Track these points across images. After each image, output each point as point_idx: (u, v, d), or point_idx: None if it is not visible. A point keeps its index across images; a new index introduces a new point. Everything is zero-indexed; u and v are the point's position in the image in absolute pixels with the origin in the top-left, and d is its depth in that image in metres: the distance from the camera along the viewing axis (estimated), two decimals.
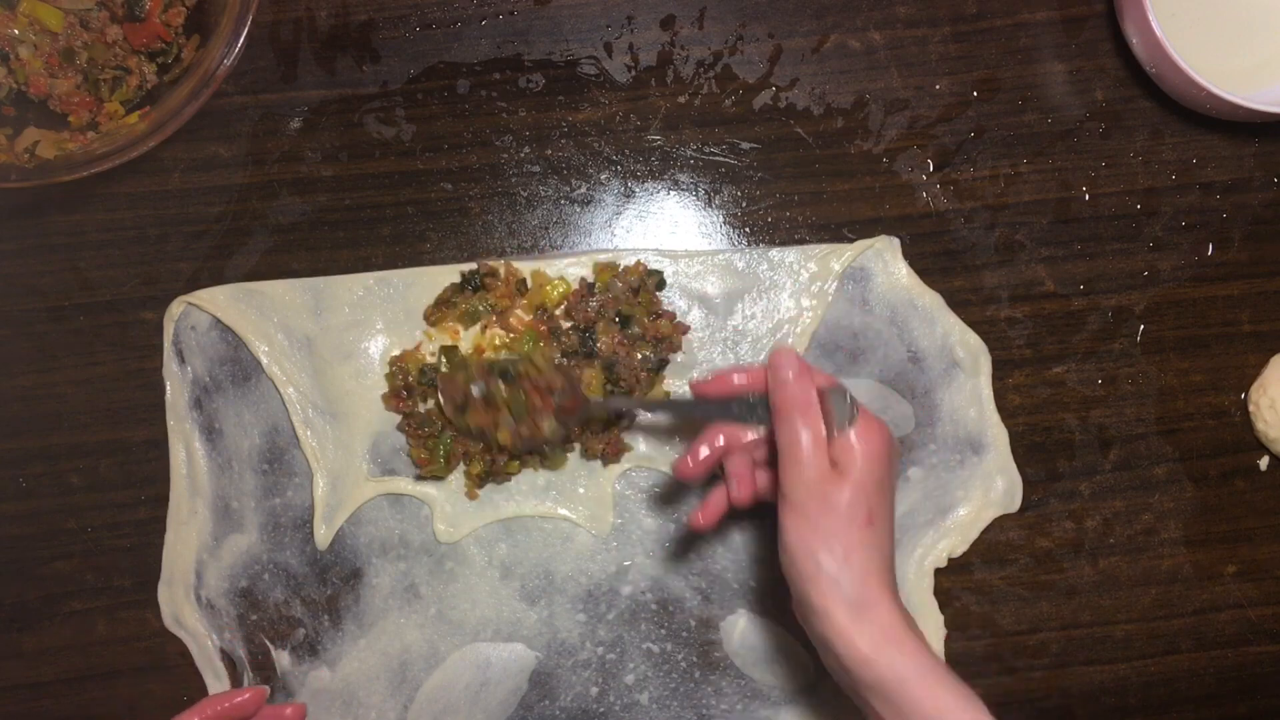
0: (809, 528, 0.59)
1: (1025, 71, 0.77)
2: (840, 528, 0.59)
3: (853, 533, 0.59)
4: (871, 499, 0.60)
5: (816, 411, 0.61)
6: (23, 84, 0.72)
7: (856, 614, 0.58)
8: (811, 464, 0.60)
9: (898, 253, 0.76)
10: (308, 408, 0.75)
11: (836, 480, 0.60)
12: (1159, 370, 0.77)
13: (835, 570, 0.59)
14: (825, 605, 0.59)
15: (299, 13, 0.76)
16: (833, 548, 0.59)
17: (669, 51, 0.77)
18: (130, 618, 0.75)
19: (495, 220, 0.77)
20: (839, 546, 0.59)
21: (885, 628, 0.58)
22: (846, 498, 0.59)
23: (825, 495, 0.59)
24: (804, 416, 0.61)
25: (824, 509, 0.59)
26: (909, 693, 0.57)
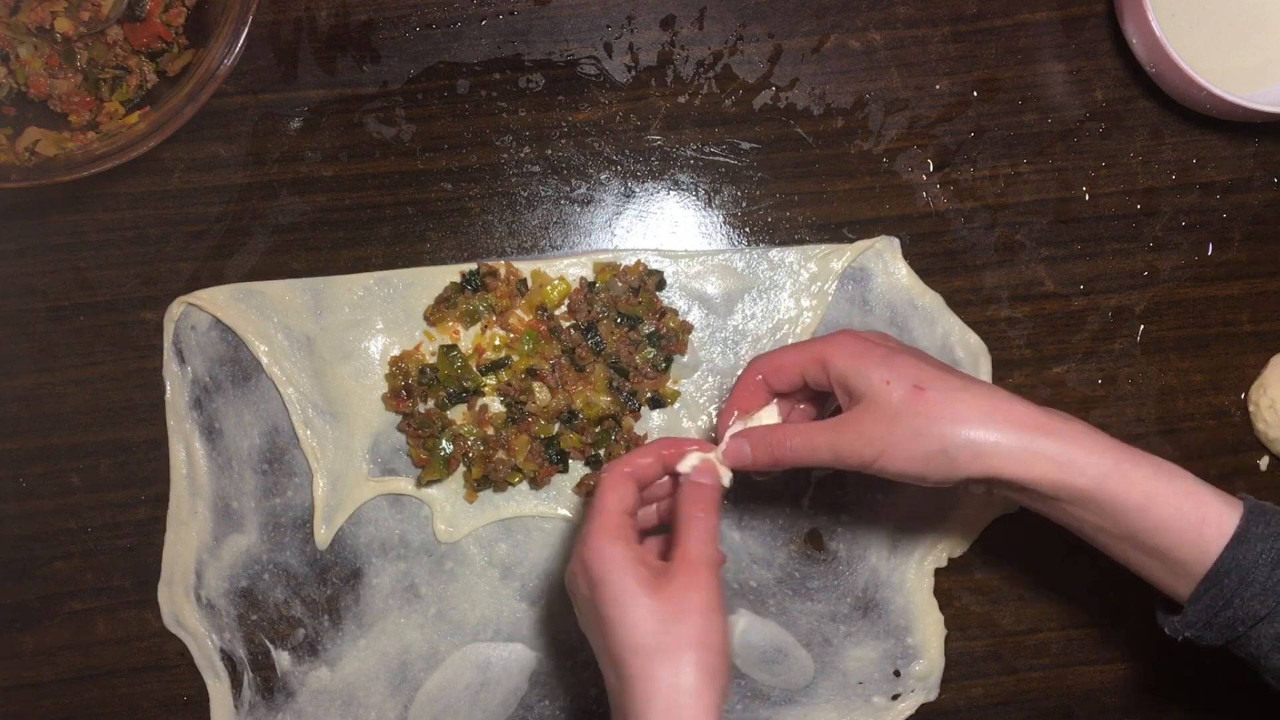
0: (908, 435, 0.58)
1: (1025, 71, 0.77)
2: (908, 416, 0.58)
3: (923, 406, 0.58)
4: (909, 376, 0.59)
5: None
6: (23, 84, 0.72)
7: (1023, 442, 0.57)
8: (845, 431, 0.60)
9: (898, 253, 0.76)
10: (308, 408, 0.75)
11: (858, 416, 0.59)
12: (1159, 370, 0.77)
13: (964, 439, 0.57)
14: (987, 467, 0.57)
15: (299, 13, 0.76)
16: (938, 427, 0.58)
17: (669, 51, 0.77)
18: (130, 618, 0.75)
19: (495, 220, 0.77)
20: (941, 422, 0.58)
21: (1061, 436, 0.57)
22: (895, 404, 0.58)
23: (882, 420, 0.59)
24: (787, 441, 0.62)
25: (895, 427, 0.58)
26: (1109, 491, 0.56)
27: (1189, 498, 0.56)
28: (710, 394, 0.76)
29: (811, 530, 0.76)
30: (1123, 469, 0.57)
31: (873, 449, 0.59)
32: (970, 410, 0.58)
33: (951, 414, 0.58)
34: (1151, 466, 0.57)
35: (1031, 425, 0.57)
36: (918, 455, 0.58)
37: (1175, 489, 0.57)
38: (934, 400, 0.58)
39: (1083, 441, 0.57)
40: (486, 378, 0.74)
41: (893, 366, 0.59)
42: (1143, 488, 0.57)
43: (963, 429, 0.57)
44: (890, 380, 0.59)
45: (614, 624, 0.57)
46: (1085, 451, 0.57)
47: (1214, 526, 0.56)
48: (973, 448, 0.57)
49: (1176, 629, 0.58)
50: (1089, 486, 0.57)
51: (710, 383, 0.76)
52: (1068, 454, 0.57)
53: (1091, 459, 0.57)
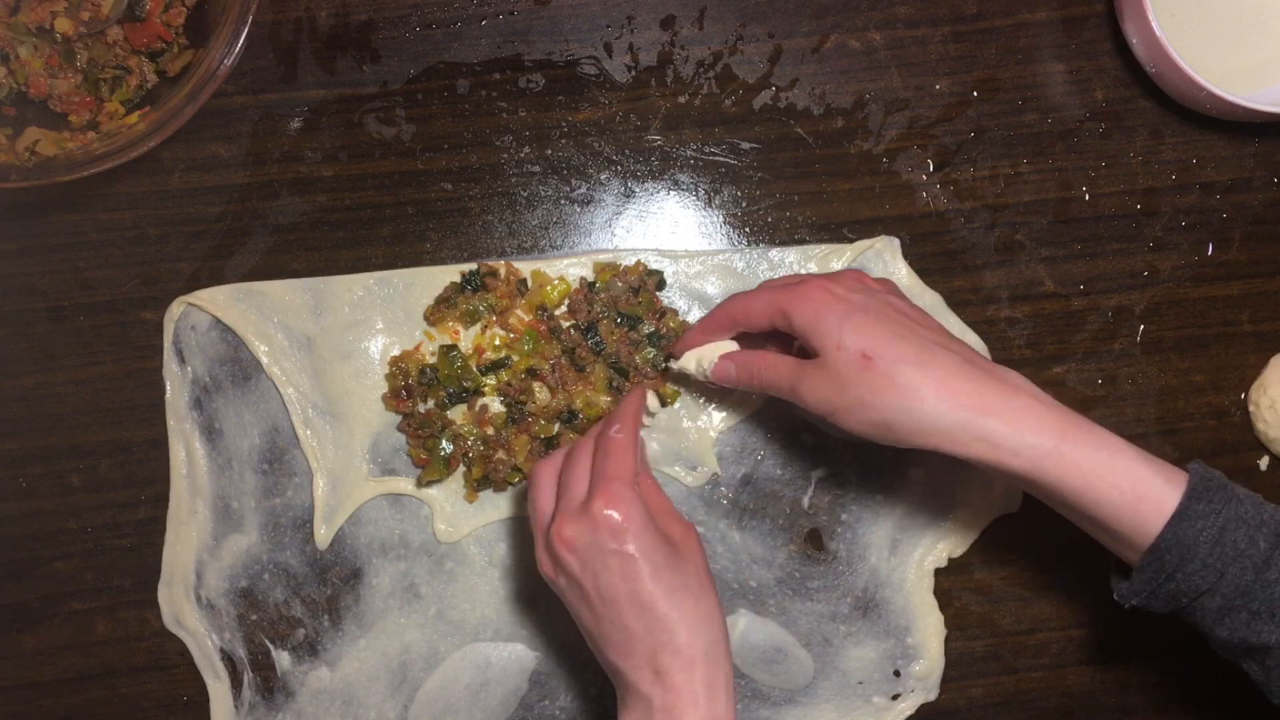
0: (855, 402, 0.59)
1: (1025, 71, 0.77)
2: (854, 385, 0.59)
3: (868, 375, 0.59)
4: (859, 342, 0.59)
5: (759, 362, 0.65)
6: (23, 84, 0.72)
7: (961, 420, 0.58)
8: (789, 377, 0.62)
9: (898, 253, 0.76)
10: (308, 408, 0.75)
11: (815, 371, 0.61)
12: (1159, 370, 0.77)
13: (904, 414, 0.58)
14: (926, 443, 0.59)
15: (299, 13, 0.76)
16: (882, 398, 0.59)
17: (669, 51, 0.77)
18: (130, 618, 0.75)
19: (495, 220, 0.77)
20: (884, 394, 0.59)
21: (1000, 414, 0.57)
22: (842, 370, 0.59)
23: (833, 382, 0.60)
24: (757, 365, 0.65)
25: (843, 391, 0.59)
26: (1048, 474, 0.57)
27: (1127, 476, 0.57)
28: (710, 394, 0.76)
29: (811, 530, 0.76)
30: (1061, 451, 0.57)
31: (825, 407, 0.61)
32: (913, 386, 0.58)
33: (894, 388, 0.58)
34: (1092, 445, 0.57)
35: (972, 403, 0.58)
36: (865, 420, 0.60)
37: (1114, 467, 0.57)
38: (879, 372, 0.59)
39: (1023, 421, 0.57)
40: (486, 378, 0.74)
41: (847, 328, 0.60)
42: (1081, 468, 0.57)
43: (902, 403, 0.58)
44: (841, 344, 0.60)
45: (643, 581, 0.58)
46: (1024, 431, 0.57)
47: (1153, 504, 0.56)
48: (912, 424, 0.58)
49: (1124, 596, 0.59)
50: (1025, 467, 0.57)
51: None
52: (1005, 434, 0.57)
53: (1029, 439, 0.57)
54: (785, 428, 0.76)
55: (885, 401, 0.59)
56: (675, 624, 0.58)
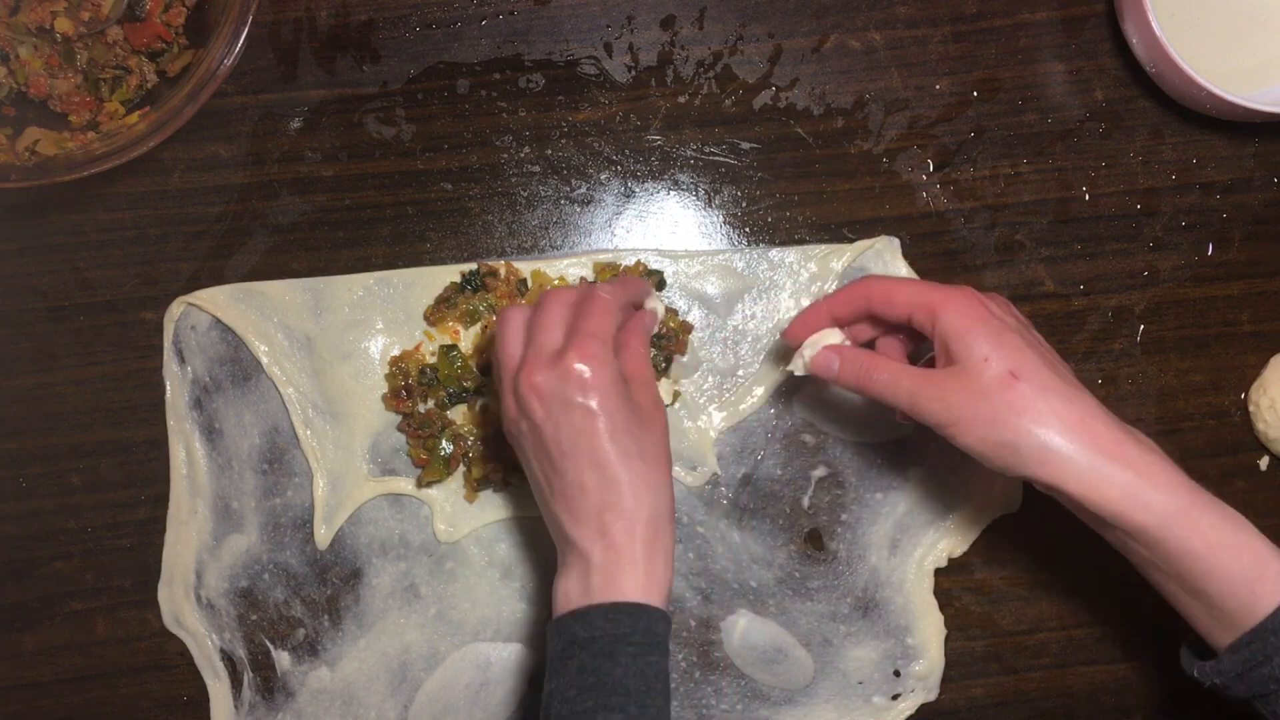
0: (987, 417, 0.58)
1: (1025, 71, 0.77)
2: (992, 400, 0.58)
3: (1010, 395, 0.58)
4: (1009, 359, 0.58)
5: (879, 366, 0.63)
6: (23, 84, 0.72)
7: (1095, 463, 0.57)
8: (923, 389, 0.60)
9: (898, 253, 0.76)
10: (308, 408, 0.75)
11: (947, 379, 0.59)
12: (1159, 370, 0.77)
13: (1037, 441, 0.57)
14: (1051, 475, 0.57)
15: (299, 13, 0.76)
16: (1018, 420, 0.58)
17: (669, 51, 0.77)
18: (130, 618, 0.75)
19: (495, 220, 0.77)
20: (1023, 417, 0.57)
21: (1134, 466, 0.57)
22: (985, 383, 0.58)
23: (968, 394, 0.59)
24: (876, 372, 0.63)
25: (977, 405, 0.58)
26: (1172, 533, 0.56)
27: (1250, 552, 0.56)
28: (710, 394, 0.76)
29: (811, 530, 0.76)
30: (1190, 513, 0.56)
31: (949, 416, 0.59)
32: (1054, 414, 0.57)
33: (1035, 412, 0.57)
34: (1218, 514, 0.57)
35: (1108, 448, 0.57)
36: (989, 439, 0.58)
37: (1238, 541, 0.56)
38: (1023, 392, 0.58)
39: (1155, 476, 0.57)
40: (486, 378, 0.74)
41: (998, 344, 0.59)
42: (1206, 535, 0.56)
43: (1039, 430, 0.57)
44: (990, 358, 0.59)
45: (604, 439, 0.58)
46: (1155, 487, 0.56)
47: (1270, 584, 0.55)
48: (1042, 452, 0.57)
49: (1206, 674, 0.58)
50: (1151, 524, 0.56)
51: (710, 382, 0.76)
52: (1137, 486, 0.56)
53: (1159, 496, 0.56)
54: (785, 428, 0.76)
55: (1021, 424, 0.57)
56: (625, 486, 0.58)
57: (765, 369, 0.76)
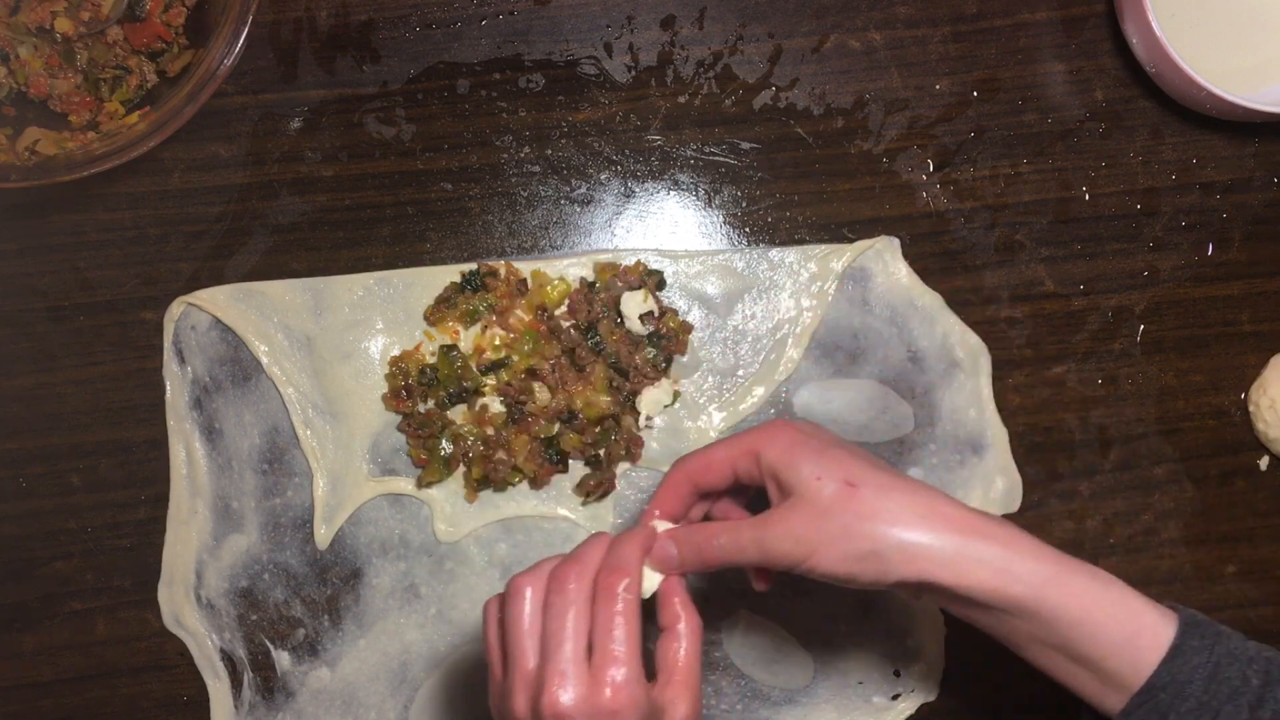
0: (838, 534, 0.55)
1: (1025, 71, 0.77)
2: (839, 514, 0.55)
3: (855, 505, 0.55)
4: (841, 471, 0.56)
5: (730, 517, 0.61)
6: (23, 84, 0.72)
7: (959, 546, 0.54)
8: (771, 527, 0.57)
9: (898, 253, 0.76)
10: (308, 408, 0.75)
11: (787, 513, 0.56)
12: (1159, 370, 0.77)
13: (896, 540, 0.54)
14: (919, 570, 0.55)
15: (299, 13, 0.76)
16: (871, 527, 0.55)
17: (669, 51, 0.77)
18: (130, 618, 0.75)
19: (495, 220, 0.77)
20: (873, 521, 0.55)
21: (998, 541, 0.55)
22: (825, 500, 0.55)
23: (812, 517, 0.56)
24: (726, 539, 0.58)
25: (825, 524, 0.55)
26: (1047, 601, 0.54)
27: (1124, 608, 0.55)
28: (710, 394, 0.76)
29: None
30: (1061, 579, 0.55)
31: (801, 548, 0.55)
32: (903, 510, 0.55)
33: (884, 512, 0.55)
34: (1087, 575, 0.55)
35: (967, 528, 0.55)
36: (849, 555, 0.55)
37: (1111, 598, 0.55)
38: (866, 498, 0.55)
39: (1020, 547, 0.55)
40: (486, 378, 0.74)
41: (825, 461, 0.56)
42: (1081, 598, 0.55)
43: (895, 529, 0.54)
44: (821, 475, 0.56)
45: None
46: (1023, 557, 0.55)
47: (1149, 638, 0.54)
48: (905, 550, 0.54)
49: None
50: (1026, 595, 0.54)
51: (710, 382, 0.76)
52: (1005, 560, 0.54)
53: (1029, 565, 0.55)
54: None
55: (873, 530, 0.55)
56: None
57: (765, 369, 0.76)
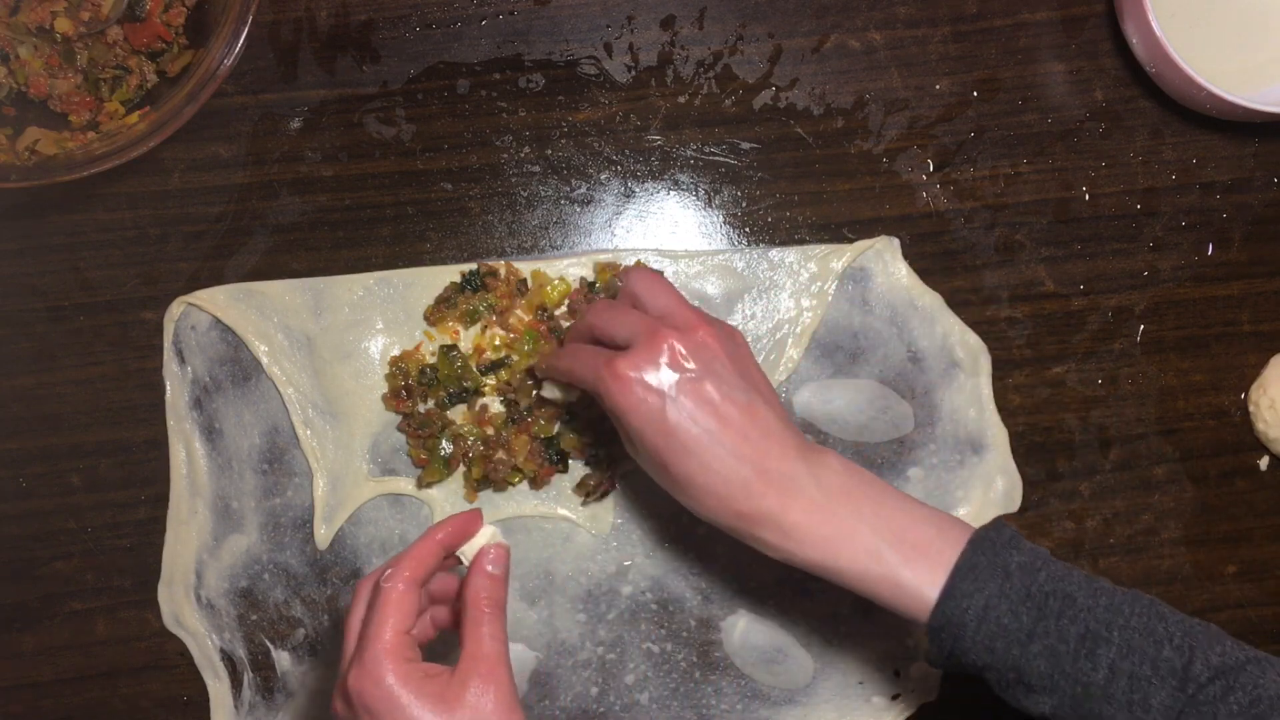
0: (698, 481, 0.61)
1: (1025, 71, 0.77)
2: (649, 466, 0.63)
3: (658, 473, 0.62)
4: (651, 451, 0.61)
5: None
6: (23, 84, 0.72)
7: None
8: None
9: (898, 253, 0.76)
10: (308, 408, 0.75)
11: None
12: (1159, 370, 0.77)
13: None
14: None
15: (299, 13, 0.76)
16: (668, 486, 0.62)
17: (669, 51, 0.77)
18: (130, 618, 0.75)
19: (495, 220, 0.77)
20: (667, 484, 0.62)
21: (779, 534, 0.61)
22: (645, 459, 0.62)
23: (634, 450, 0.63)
24: None
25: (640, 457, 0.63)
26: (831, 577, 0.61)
27: (887, 583, 0.59)
28: None
29: None
30: (827, 566, 0.60)
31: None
32: (700, 496, 0.61)
33: (683, 491, 0.62)
34: (852, 556, 0.60)
35: (750, 517, 0.60)
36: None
37: (876, 575, 0.59)
38: (672, 479, 0.62)
39: (793, 535, 0.60)
40: (486, 378, 0.74)
41: (648, 436, 0.61)
42: (849, 580, 0.60)
43: (692, 505, 0.62)
44: (641, 450, 0.63)
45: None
46: (794, 544, 0.60)
47: (916, 605, 0.59)
48: (703, 518, 0.62)
49: (930, 660, 0.61)
50: (806, 571, 0.62)
51: None
52: (779, 546, 0.61)
53: (800, 552, 0.60)
54: None
55: (682, 499, 0.62)
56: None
57: (765, 369, 0.76)
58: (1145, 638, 0.56)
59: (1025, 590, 0.57)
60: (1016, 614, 0.57)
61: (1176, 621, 0.57)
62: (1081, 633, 0.56)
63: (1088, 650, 0.56)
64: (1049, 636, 0.57)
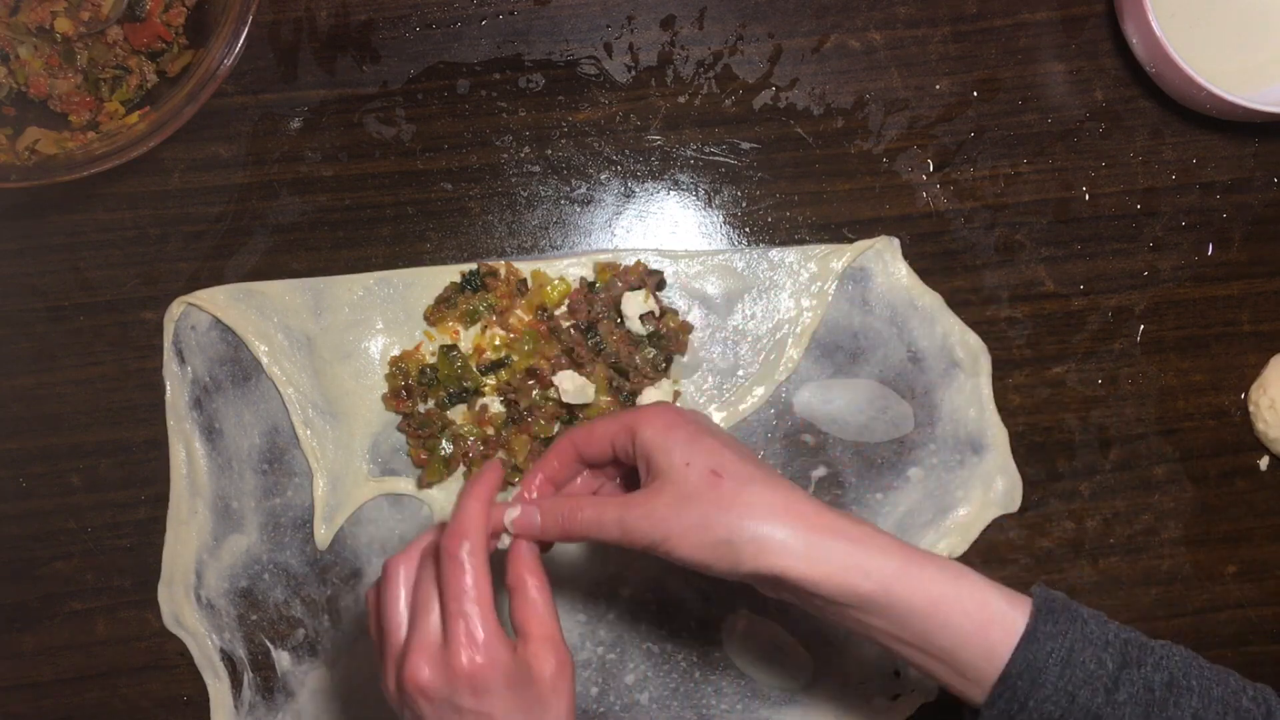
0: (697, 522, 0.56)
1: (1025, 71, 0.77)
2: (700, 501, 0.56)
3: (716, 493, 0.56)
4: (708, 460, 0.57)
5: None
6: (23, 84, 0.72)
7: (810, 541, 0.55)
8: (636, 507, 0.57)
9: (898, 253, 0.76)
10: (308, 408, 0.75)
11: (653, 494, 0.57)
12: (1159, 370, 0.77)
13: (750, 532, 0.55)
14: (770, 564, 0.55)
15: (299, 13, 0.76)
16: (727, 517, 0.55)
17: (669, 51, 0.77)
18: (130, 618, 0.75)
19: (495, 220, 0.77)
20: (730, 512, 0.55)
21: (848, 536, 0.56)
22: (689, 487, 0.56)
23: (673, 502, 0.57)
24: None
25: (685, 511, 0.56)
26: (895, 594, 0.55)
27: (973, 598, 0.55)
28: (710, 394, 0.76)
29: None
30: (908, 572, 0.55)
31: (659, 531, 0.56)
32: (761, 503, 0.56)
33: (742, 504, 0.56)
34: (937, 568, 0.56)
35: (820, 525, 0.56)
36: (704, 543, 0.56)
37: (961, 591, 0.55)
38: (727, 489, 0.56)
39: (870, 544, 0.56)
40: (486, 378, 0.74)
41: (696, 448, 0.57)
42: (928, 591, 0.55)
43: (750, 521, 0.55)
44: (691, 462, 0.57)
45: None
46: (871, 554, 0.55)
47: (1000, 628, 0.55)
48: (758, 542, 0.55)
49: (988, 715, 0.57)
50: (874, 591, 0.55)
51: (710, 382, 0.76)
52: (854, 556, 0.55)
53: (877, 561, 0.55)
54: (785, 428, 0.76)
55: (730, 520, 0.55)
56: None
57: (765, 369, 0.76)
58: (1222, 688, 0.55)
59: (1104, 638, 0.55)
60: (1101, 660, 0.54)
61: (1237, 677, 0.56)
62: (1166, 680, 0.54)
63: (1175, 699, 0.54)
64: (1134, 684, 0.54)
